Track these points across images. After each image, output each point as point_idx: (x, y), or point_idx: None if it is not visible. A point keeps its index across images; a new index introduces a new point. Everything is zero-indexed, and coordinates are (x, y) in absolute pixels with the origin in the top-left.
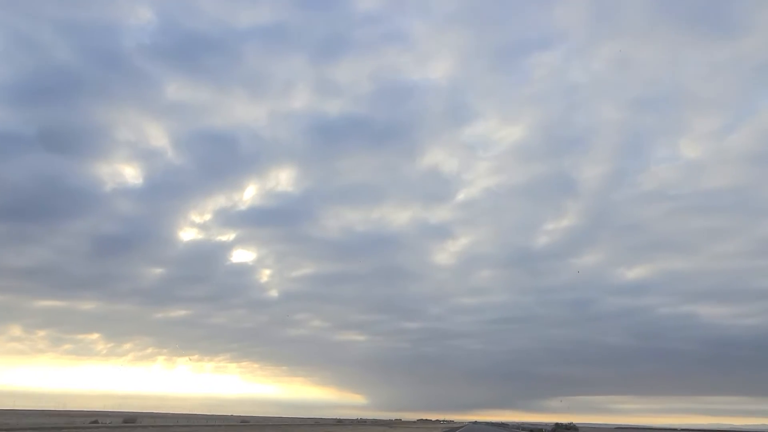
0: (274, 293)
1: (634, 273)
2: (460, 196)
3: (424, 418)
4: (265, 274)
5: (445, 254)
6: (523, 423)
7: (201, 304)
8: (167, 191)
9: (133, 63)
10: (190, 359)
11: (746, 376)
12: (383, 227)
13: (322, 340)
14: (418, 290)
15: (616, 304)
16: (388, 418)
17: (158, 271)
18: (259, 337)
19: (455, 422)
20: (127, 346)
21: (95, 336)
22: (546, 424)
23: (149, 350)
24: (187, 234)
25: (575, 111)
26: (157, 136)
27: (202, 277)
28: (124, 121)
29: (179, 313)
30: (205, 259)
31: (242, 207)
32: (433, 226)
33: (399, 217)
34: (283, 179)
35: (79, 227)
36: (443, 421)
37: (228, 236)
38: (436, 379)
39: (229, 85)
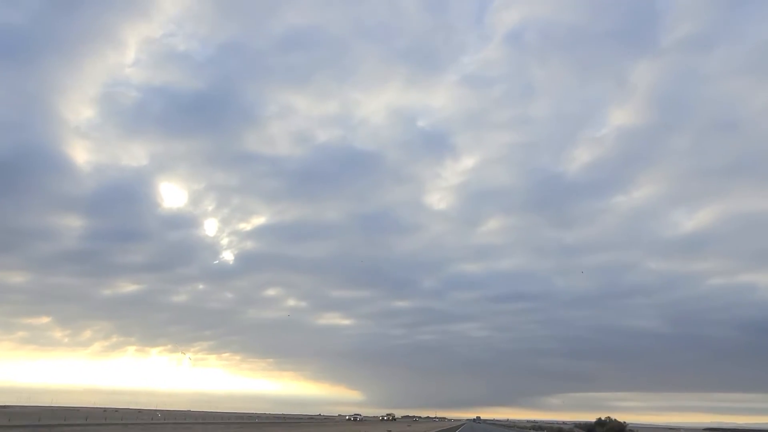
0: (229, 257)
1: (695, 220)
2: (465, 60)
3: (412, 415)
4: (210, 228)
5: (443, 188)
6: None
7: (149, 275)
8: None
9: None
10: (190, 357)
11: None
12: (351, 131)
13: (304, 326)
14: (408, 250)
15: (657, 271)
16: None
17: (75, 223)
18: (233, 323)
19: (448, 420)
20: (87, 333)
21: (46, 320)
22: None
23: (114, 339)
24: (77, 151)
25: None
26: None
27: (133, 231)
28: None
29: (129, 288)
30: (124, 200)
31: (132, 87)
32: (424, 132)
33: (372, 106)
34: (174, 16)
35: None
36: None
37: (137, 157)
38: (436, 373)
39: None
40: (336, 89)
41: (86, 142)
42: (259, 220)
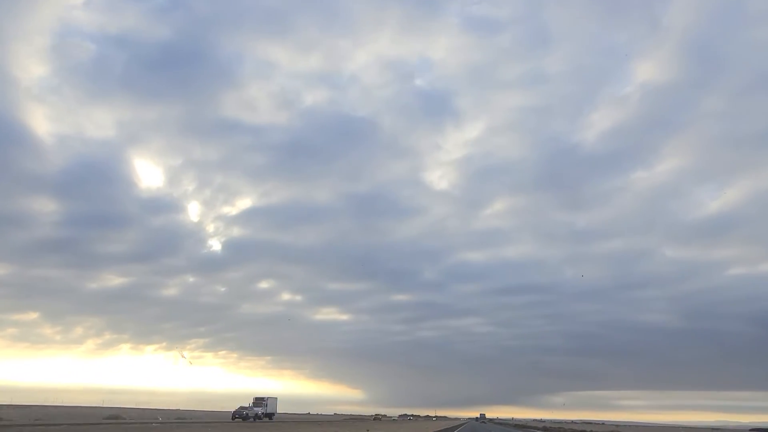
0: (216, 246)
1: (721, 200)
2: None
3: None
4: (193, 212)
5: (444, 163)
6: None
7: (135, 266)
8: None
9: None
10: (183, 355)
11: None
12: (341, 92)
13: (301, 322)
14: (407, 236)
15: (673, 260)
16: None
17: (49, 207)
18: (227, 318)
19: (445, 418)
20: (79, 330)
21: (34, 316)
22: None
23: (107, 336)
24: (35, 119)
25: None
26: None
27: (111, 216)
28: None
29: (116, 281)
30: (96, 179)
31: (87, 37)
32: (423, 92)
33: (362, 59)
34: None
35: None
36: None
37: (103, 127)
38: (437, 371)
39: None
40: (320, 37)
41: (43, 108)
42: (244, 203)
